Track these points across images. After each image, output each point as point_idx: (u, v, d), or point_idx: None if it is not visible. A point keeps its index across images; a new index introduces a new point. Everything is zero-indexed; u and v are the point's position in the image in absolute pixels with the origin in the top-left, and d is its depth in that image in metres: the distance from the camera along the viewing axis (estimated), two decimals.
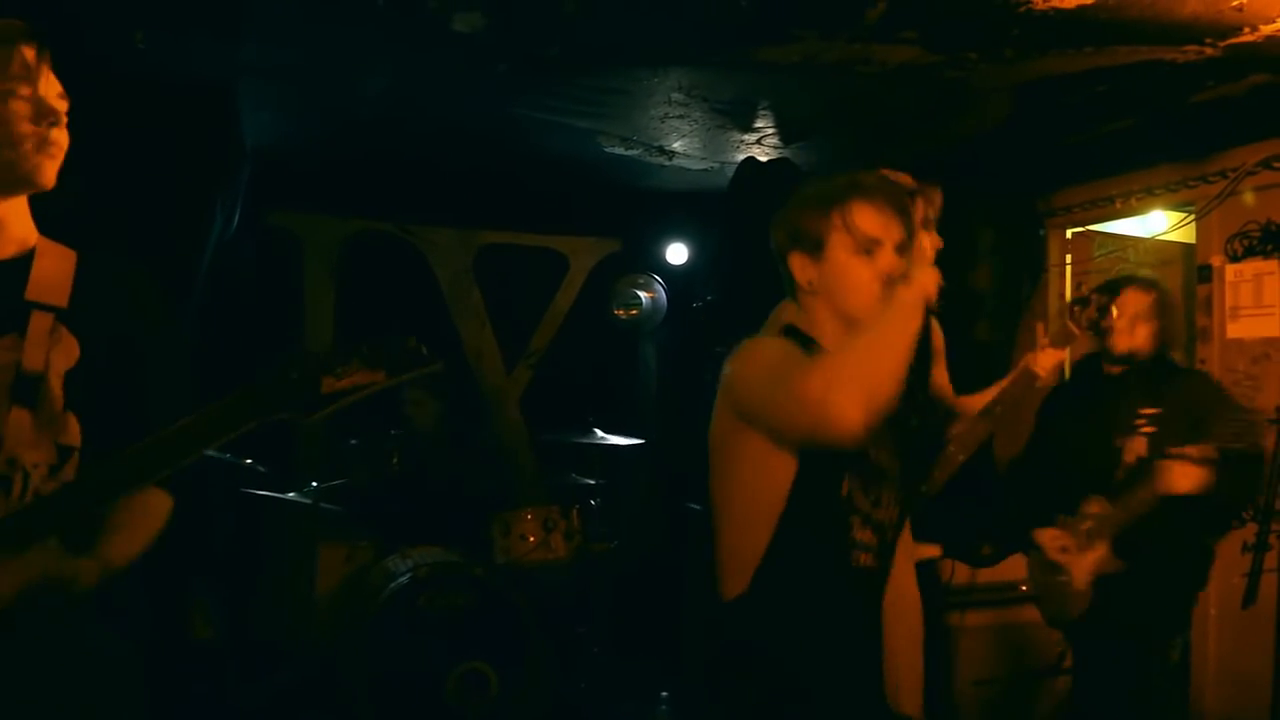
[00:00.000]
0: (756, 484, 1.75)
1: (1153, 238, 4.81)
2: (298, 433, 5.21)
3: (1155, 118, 4.14)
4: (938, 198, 1.80)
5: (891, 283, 1.76)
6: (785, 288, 1.92)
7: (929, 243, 1.74)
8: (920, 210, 1.77)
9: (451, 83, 4.16)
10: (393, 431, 4.66)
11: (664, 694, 4.83)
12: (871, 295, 1.78)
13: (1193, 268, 4.40)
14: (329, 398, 1.52)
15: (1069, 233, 4.89)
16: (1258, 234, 4.00)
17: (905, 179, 1.82)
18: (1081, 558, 3.16)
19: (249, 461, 4.09)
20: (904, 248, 1.79)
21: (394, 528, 4.39)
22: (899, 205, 1.80)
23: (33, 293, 1.58)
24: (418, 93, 4.31)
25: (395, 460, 4.49)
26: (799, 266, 1.85)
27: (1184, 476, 2.85)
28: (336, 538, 4.39)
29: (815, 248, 1.83)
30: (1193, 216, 4.29)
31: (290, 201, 5.38)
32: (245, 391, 1.51)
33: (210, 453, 4.04)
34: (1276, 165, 3.88)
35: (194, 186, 4.10)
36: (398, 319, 5.55)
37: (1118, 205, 4.58)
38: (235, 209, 4.44)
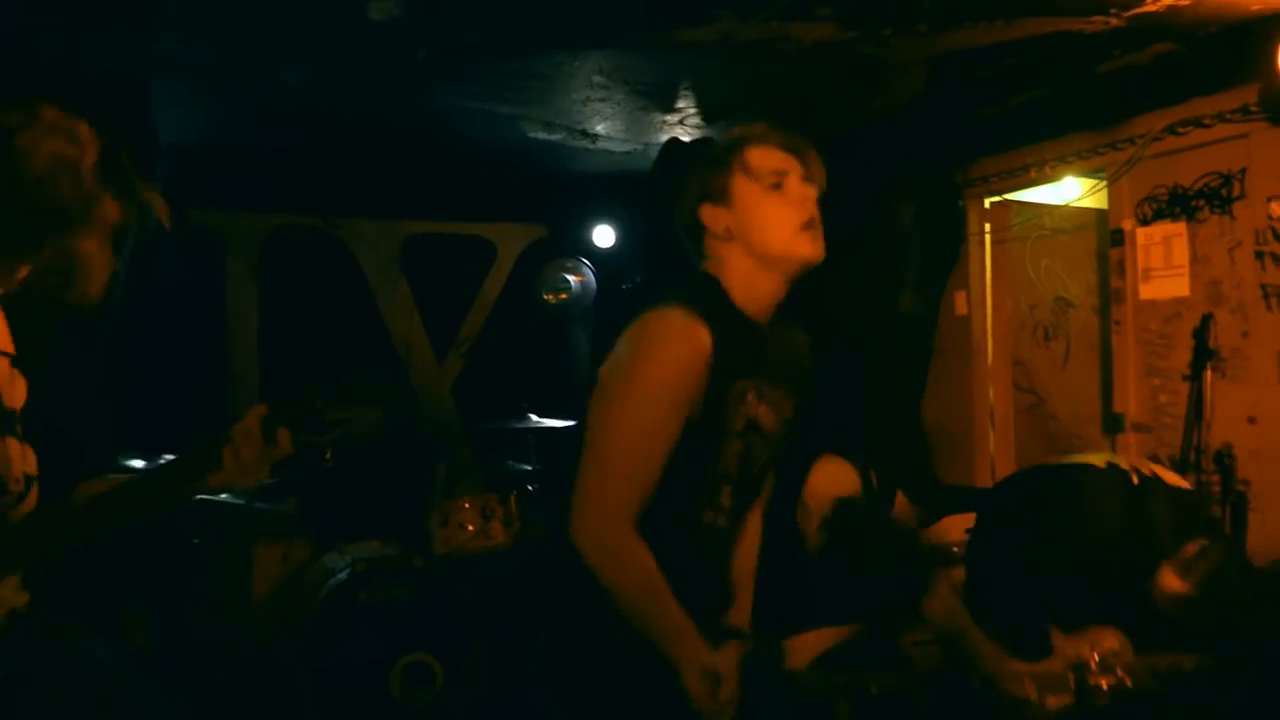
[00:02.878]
0: (648, 439, 1.78)
1: (1067, 205, 4.94)
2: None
3: (1065, 87, 4.25)
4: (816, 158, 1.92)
5: (806, 207, 1.86)
6: (690, 249, 1.96)
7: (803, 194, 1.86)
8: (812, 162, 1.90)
9: (370, 73, 4.11)
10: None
11: None
12: (790, 224, 1.86)
13: (1105, 232, 4.53)
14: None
15: (987, 202, 4.99)
16: (1165, 197, 4.13)
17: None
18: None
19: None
20: (809, 178, 1.89)
21: (331, 524, 4.35)
22: (790, 144, 1.90)
23: None
24: (336, 84, 4.25)
25: (329, 456, 4.44)
26: (711, 217, 1.90)
27: None
28: (272, 537, 4.33)
29: (723, 197, 1.89)
30: (1104, 182, 4.42)
31: (210, 198, 5.28)
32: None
33: (134, 460, 3.96)
34: (1181, 131, 4.01)
35: (111, 183, 3.99)
36: (324, 313, 5.48)
37: (1033, 174, 4.69)
38: (151, 209, 4.33)
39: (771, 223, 1.86)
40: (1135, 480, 2.76)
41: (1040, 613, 2.70)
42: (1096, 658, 2.46)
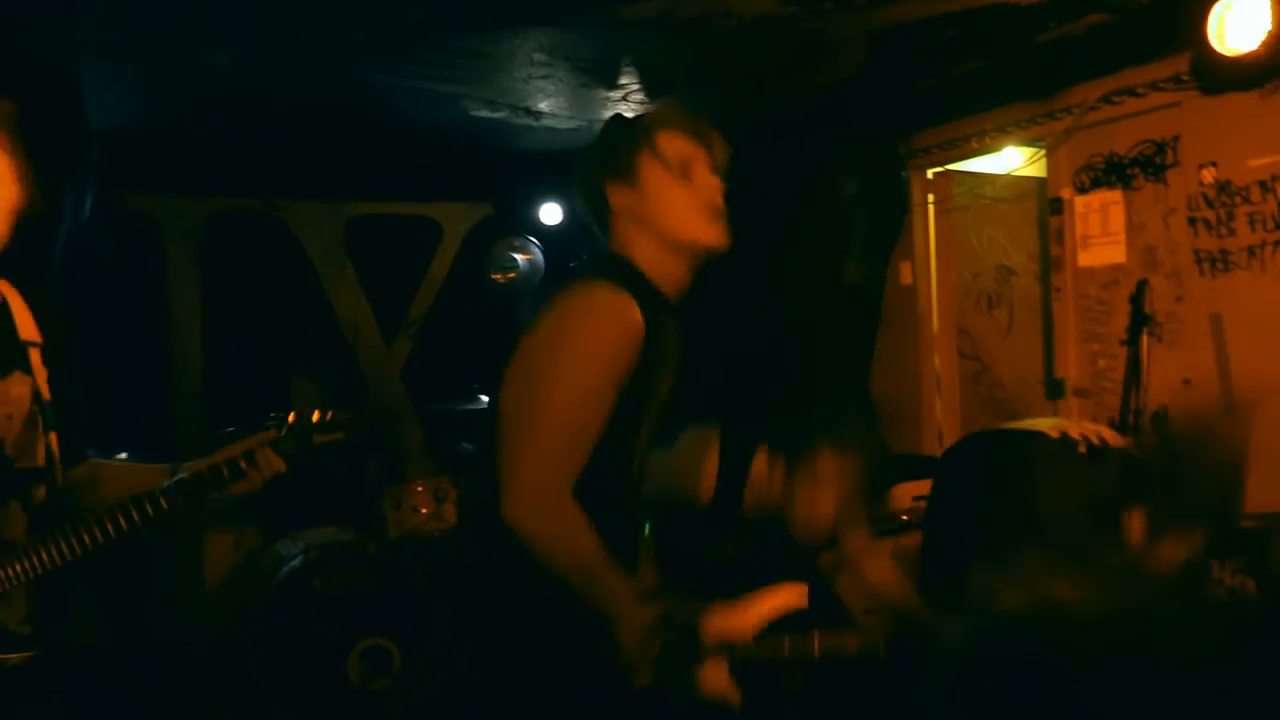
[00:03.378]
0: (587, 410, 1.77)
1: (1008, 174, 5.01)
2: (173, 425, 5.07)
3: (1003, 59, 4.30)
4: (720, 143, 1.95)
5: (712, 194, 1.89)
6: (595, 225, 1.98)
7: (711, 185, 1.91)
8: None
9: (308, 52, 4.05)
10: (272, 415, 4.56)
11: None
12: (694, 211, 1.89)
13: (1045, 200, 4.60)
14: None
15: (930, 173, 5.04)
16: (1102, 166, 4.20)
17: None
18: None
19: (123, 457, 3.95)
20: (715, 167, 1.92)
21: (282, 511, 4.32)
22: (698, 131, 1.93)
23: (24, 333, 1.94)
24: (273, 64, 4.18)
25: None
26: (615, 193, 1.91)
27: None
28: (222, 525, 4.30)
29: (630, 177, 1.90)
30: (1043, 152, 4.48)
31: (148, 183, 5.18)
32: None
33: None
34: (1115, 100, 4.07)
35: (39, 171, 3.91)
36: (269, 298, 5.41)
37: (973, 144, 4.75)
38: (85, 195, 4.25)
39: (677, 209, 1.88)
40: (1083, 449, 2.83)
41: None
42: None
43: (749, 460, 2.70)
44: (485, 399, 4.82)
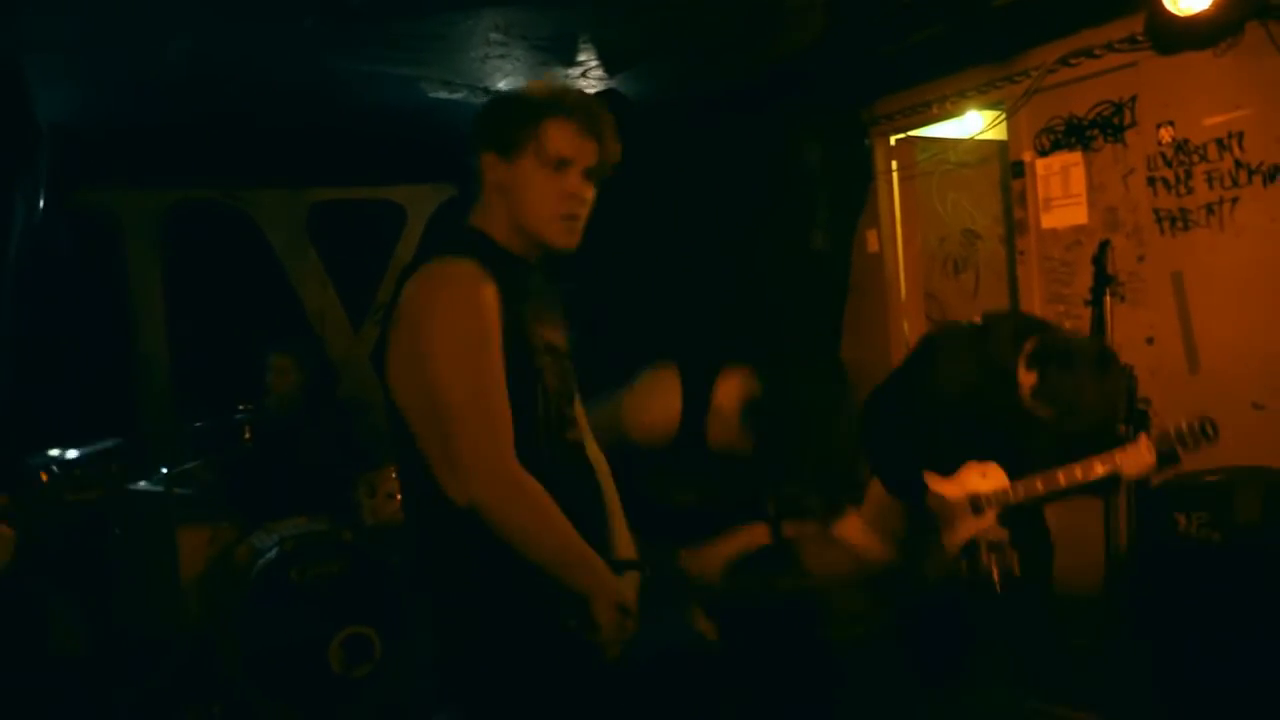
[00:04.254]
0: (488, 379, 1.78)
1: (970, 138, 5.02)
2: (140, 420, 5.03)
3: (962, 23, 4.29)
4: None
5: (573, 203, 1.88)
6: (472, 184, 1.97)
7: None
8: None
9: (257, 39, 3.98)
10: (241, 407, 4.53)
11: None
12: (551, 212, 1.88)
13: (1008, 164, 4.62)
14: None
15: (892, 139, 5.04)
16: (1062, 128, 4.21)
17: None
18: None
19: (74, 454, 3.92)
20: (594, 172, 1.91)
21: (255, 503, 4.29)
22: (592, 126, 1.89)
23: None
24: (223, 52, 4.11)
25: (247, 436, 4.37)
26: (489, 165, 1.91)
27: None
28: (194, 520, 4.27)
29: (506, 151, 1.88)
30: (1004, 115, 4.49)
31: (102, 177, 5.09)
32: None
33: (52, 453, 3.87)
34: (1073, 62, 4.08)
35: None
36: (232, 288, 5.36)
37: (935, 110, 4.75)
38: (38, 192, 4.18)
39: (537, 202, 1.88)
40: (978, 321, 3.00)
41: (916, 462, 3.00)
42: (985, 519, 2.70)
43: (708, 393, 2.74)
44: None
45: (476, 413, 1.75)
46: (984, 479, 2.96)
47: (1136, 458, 2.83)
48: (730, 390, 3.00)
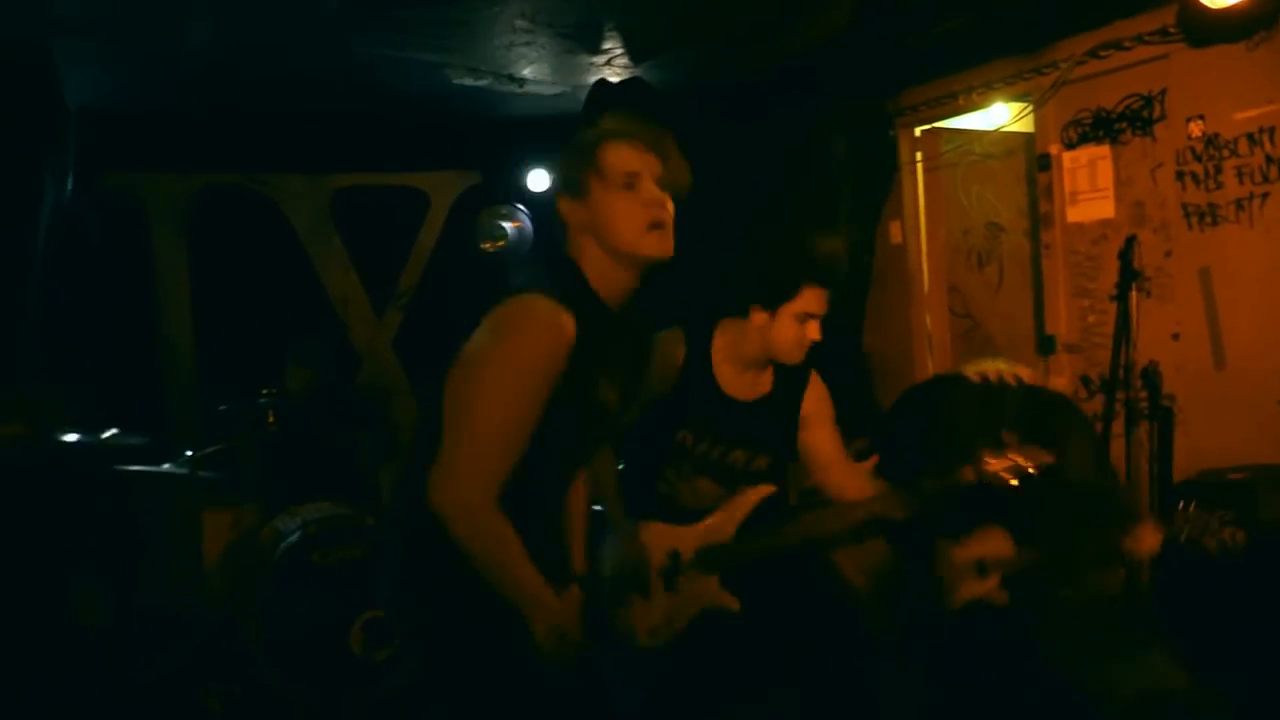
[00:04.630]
0: (516, 419, 1.87)
1: (996, 130, 4.98)
2: (166, 403, 5.07)
3: (990, 14, 4.26)
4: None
5: (655, 210, 1.93)
6: (559, 232, 2.05)
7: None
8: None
9: (283, 24, 4.00)
10: (265, 392, 4.57)
11: None
12: (636, 226, 1.92)
13: (1034, 156, 4.58)
14: None
15: (917, 130, 5.01)
16: (1090, 120, 4.18)
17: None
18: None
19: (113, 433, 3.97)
20: (666, 183, 1.97)
21: (279, 487, 4.33)
22: (651, 142, 1.97)
23: None
24: (249, 37, 4.13)
25: (271, 420, 4.40)
26: (568, 211, 1.99)
27: None
28: (219, 503, 4.31)
29: (576, 192, 1.97)
30: (1031, 107, 4.46)
31: (129, 161, 5.13)
32: None
33: (77, 435, 3.91)
34: (1102, 54, 4.04)
35: (17, 153, 3.88)
36: (257, 273, 5.39)
37: (960, 101, 4.72)
38: (66, 174, 4.22)
39: (620, 222, 1.93)
40: (978, 381, 2.96)
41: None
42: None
43: (709, 340, 2.83)
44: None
45: (486, 446, 1.85)
46: (989, 543, 2.96)
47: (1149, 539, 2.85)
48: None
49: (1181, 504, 3.36)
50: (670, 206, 1.96)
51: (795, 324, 2.64)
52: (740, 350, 2.77)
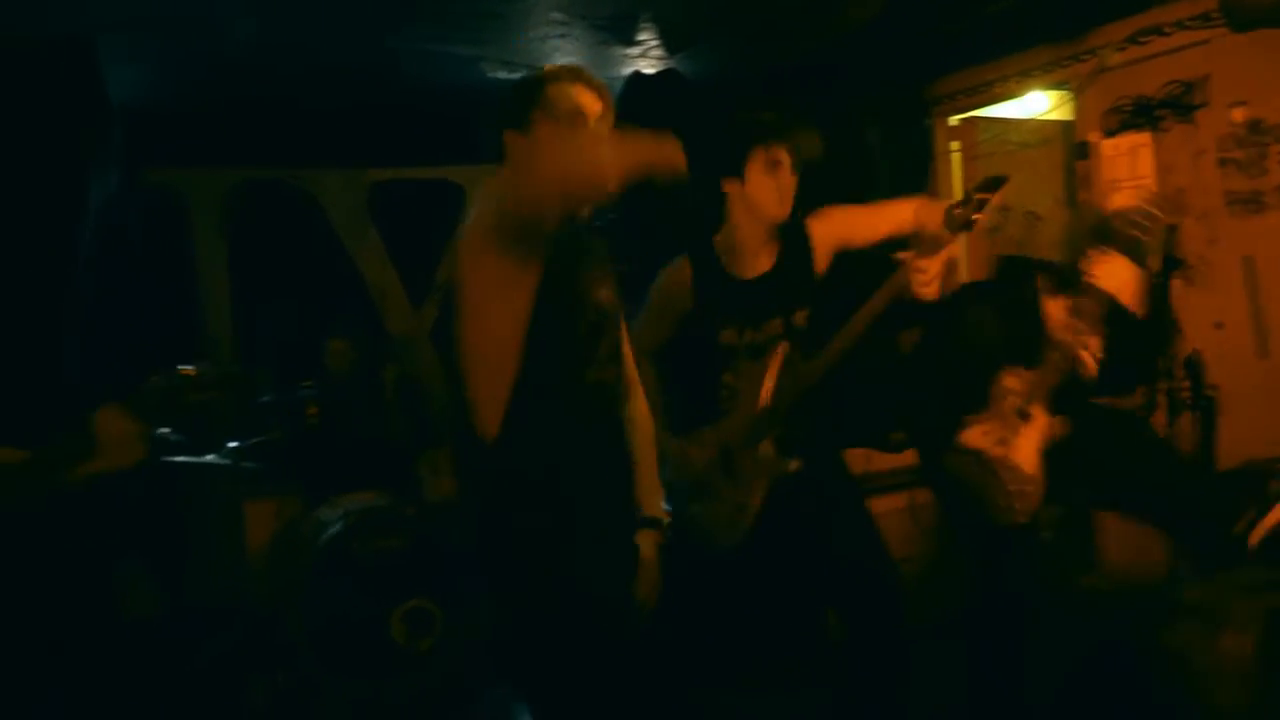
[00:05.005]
0: (501, 321, 1.94)
1: (1034, 118, 4.94)
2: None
3: (1026, 1, 4.22)
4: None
5: (598, 149, 1.97)
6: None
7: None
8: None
9: (321, 19, 4.03)
10: (305, 383, 4.62)
11: None
12: (575, 160, 1.92)
13: (1072, 145, 4.54)
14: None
15: (954, 119, 4.98)
16: (1130, 108, 4.13)
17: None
18: (1024, 437, 2.89)
19: (163, 430, 4.03)
20: (605, 119, 2.08)
21: (320, 478, 4.38)
22: (592, 86, 2.09)
23: None
24: (287, 33, 4.17)
25: (312, 411, 4.46)
26: (511, 142, 2.09)
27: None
28: (262, 494, 4.36)
29: (523, 126, 2.08)
30: (1069, 95, 4.41)
31: (169, 157, 5.19)
32: None
33: None
34: (1142, 40, 4.00)
35: (64, 150, 3.94)
36: (296, 267, 5.45)
37: (997, 89, 4.69)
38: (111, 170, 4.27)
39: (564, 155, 1.95)
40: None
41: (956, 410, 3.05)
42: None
43: (711, 246, 2.89)
44: None
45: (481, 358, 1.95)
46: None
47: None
48: None
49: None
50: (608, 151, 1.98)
51: (768, 177, 2.71)
52: (736, 235, 2.81)
